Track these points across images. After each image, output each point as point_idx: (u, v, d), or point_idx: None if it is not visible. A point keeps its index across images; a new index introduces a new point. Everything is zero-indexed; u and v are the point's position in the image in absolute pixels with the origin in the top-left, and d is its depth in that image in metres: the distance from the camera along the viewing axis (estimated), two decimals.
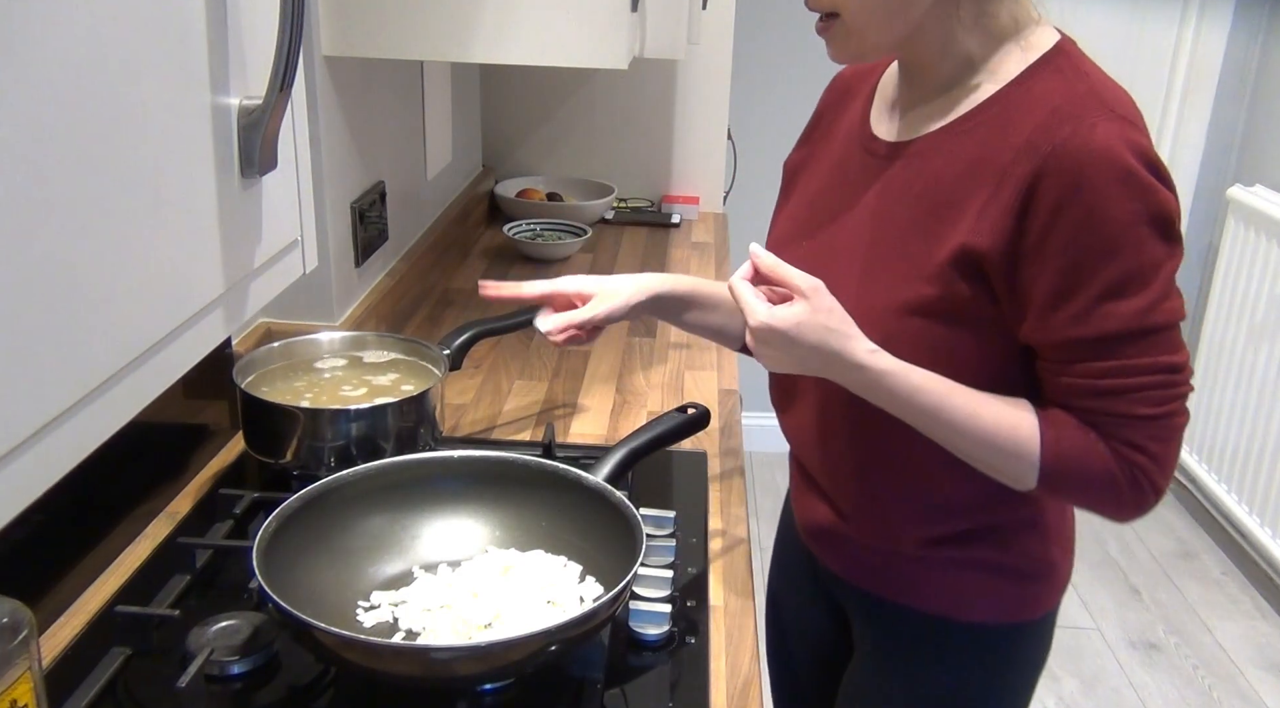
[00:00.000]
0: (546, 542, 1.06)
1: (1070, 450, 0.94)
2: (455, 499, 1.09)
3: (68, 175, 0.56)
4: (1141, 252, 0.88)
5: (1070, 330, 0.91)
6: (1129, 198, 0.87)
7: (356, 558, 1.03)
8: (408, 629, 0.96)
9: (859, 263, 1.02)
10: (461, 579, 1.01)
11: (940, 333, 0.96)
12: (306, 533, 0.99)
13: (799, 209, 1.14)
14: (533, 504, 1.08)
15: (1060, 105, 0.91)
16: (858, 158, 1.07)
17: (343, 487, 1.04)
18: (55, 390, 0.57)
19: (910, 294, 0.96)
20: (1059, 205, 0.88)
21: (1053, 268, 0.89)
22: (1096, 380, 0.92)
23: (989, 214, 0.92)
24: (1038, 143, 0.90)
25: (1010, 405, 0.96)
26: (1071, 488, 0.96)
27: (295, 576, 0.94)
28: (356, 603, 0.99)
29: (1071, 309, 0.90)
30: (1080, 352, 0.91)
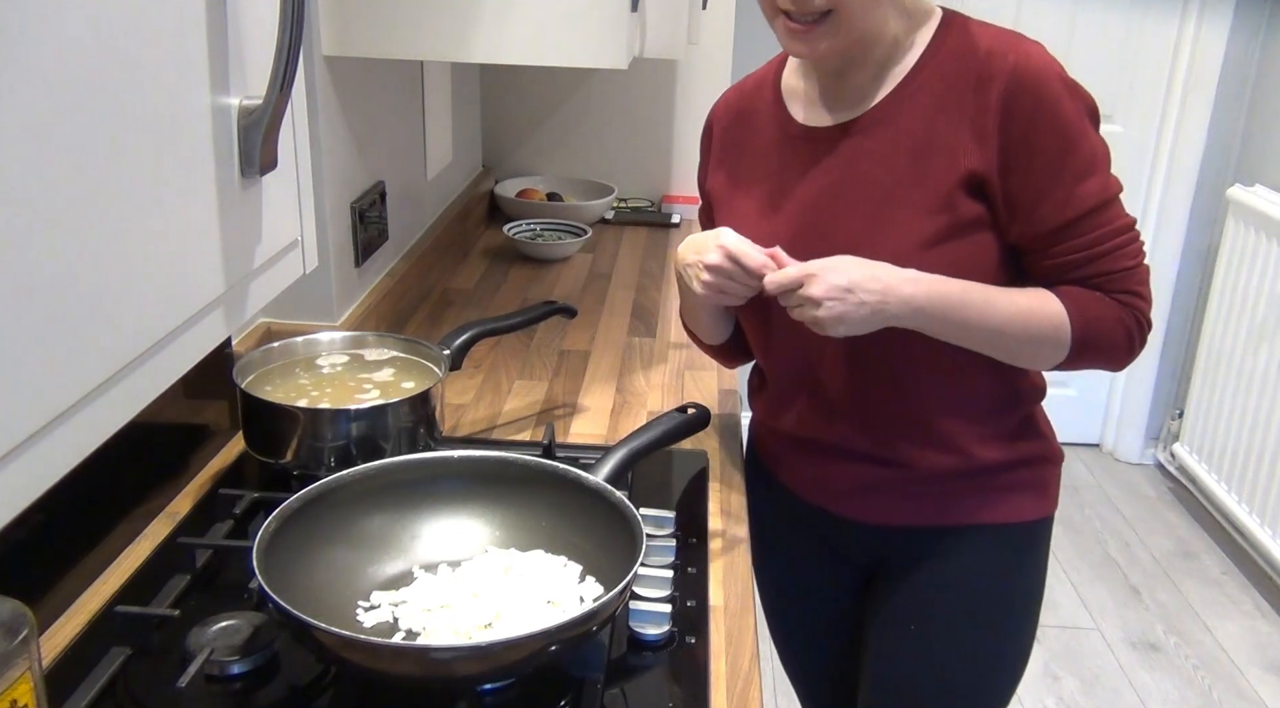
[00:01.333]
0: (546, 542, 1.06)
1: (1091, 313, 1.11)
2: (455, 499, 1.09)
3: (67, 175, 0.56)
4: (1090, 138, 1.09)
5: (1058, 216, 1.09)
6: (1074, 100, 1.08)
7: (356, 558, 1.03)
8: (408, 629, 0.96)
9: (856, 228, 1.13)
10: (461, 579, 1.01)
11: (959, 251, 1.11)
12: (306, 533, 0.99)
13: (752, 214, 1.22)
14: (533, 504, 1.08)
15: (991, 47, 1.09)
16: (801, 150, 1.19)
17: (343, 487, 1.04)
18: (55, 390, 0.57)
19: (927, 228, 1.10)
20: (1028, 118, 1.06)
21: (1034, 169, 1.07)
22: (1088, 250, 1.10)
23: (972, 142, 1.08)
24: (992, 74, 1.07)
25: (1032, 292, 1.12)
26: (1098, 346, 1.12)
27: (295, 576, 0.94)
28: (356, 603, 0.99)
29: (1055, 198, 1.08)
30: (1068, 231, 1.09)
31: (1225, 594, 2.98)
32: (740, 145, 1.27)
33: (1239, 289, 3.05)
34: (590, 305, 1.98)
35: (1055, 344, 1.12)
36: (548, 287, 2.08)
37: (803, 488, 1.32)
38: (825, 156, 1.17)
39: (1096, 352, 1.13)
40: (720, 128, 1.31)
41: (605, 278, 2.15)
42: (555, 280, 2.12)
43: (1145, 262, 1.14)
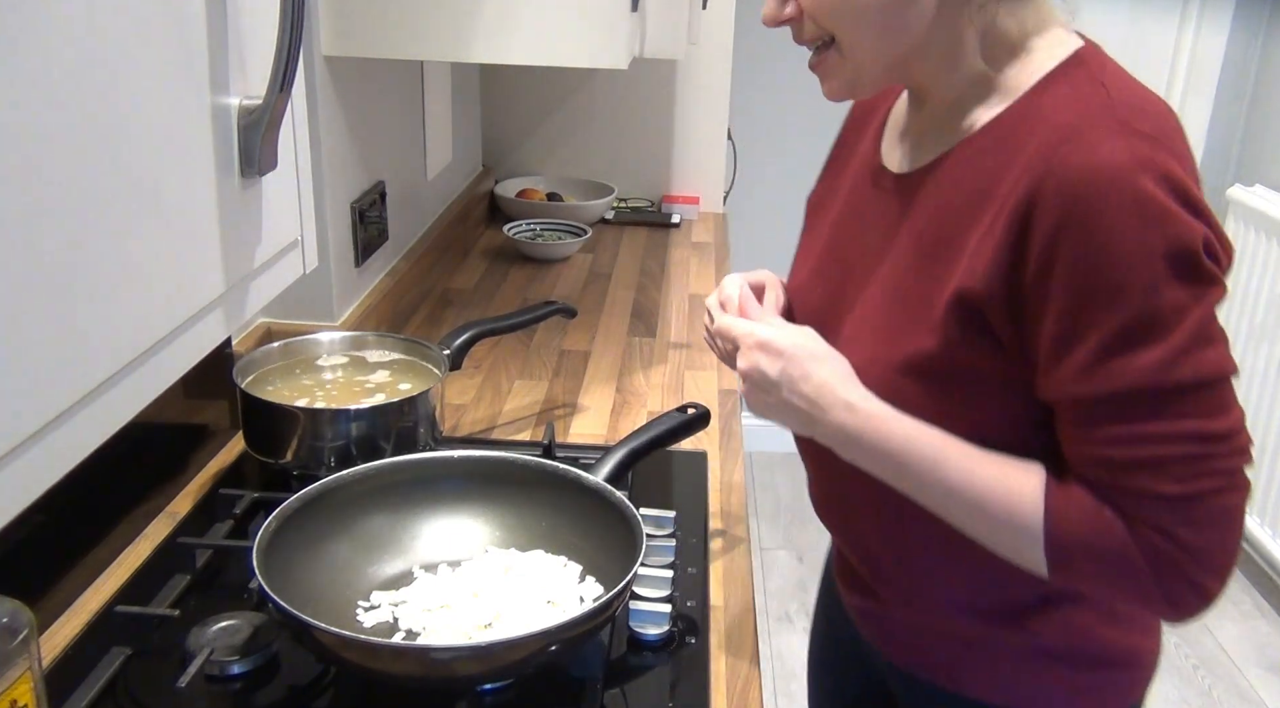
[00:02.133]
0: (546, 542, 1.06)
1: (1077, 526, 0.79)
2: (455, 499, 1.09)
3: (67, 175, 0.56)
4: (1157, 292, 0.73)
5: (1076, 387, 0.77)
6: (1140, 226, 0.73)
7: (356, 558, 1.03)
8: (408, 629, 0.96)
9: (863, 308, 0.93)
10: (461, 579, 1.01)
11: (943, 393, 0.84)
12: (306, 533, 0.99)
13: (815, 251, 1.04)
14: (533, 504, 1.08)
15: (1068, 121, 0.78)
16: (868, 193, 0.97)
17: (343, 487, 1.04)
18: (55, 390, 0.57)
19: (909, 348, 0.85)
20: (1055, 236, 0.75)
21: (1053, 311, 0.76)
22: (1109, 449, 0.77)
23: (983, 251, 0.80)
24: (1034, 163, 0.77)
25: (1016, 467, 0.83)
26: (1085, 574, 0.81)
27: (295, 576, 0.94)
28: (356, 603, 0.99)
29: (1076, 361, 0.76)
30: (1091, 413, 0.77)
31: (1225, 594, 2.97)
32: (846, 159, 1.06)
33: (1239, 289, 3.05)
34: (590, 305, 1.98)
35: (1018, 547, 0.83)
36: (548, 287, 2.08)
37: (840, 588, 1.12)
38: (878, 212, 0.95)
39: (1093, 579, 0.82)
40: (845, 131, 1.10)
41: (605, 278, 2.15)
42: (555, 280, 2.12)
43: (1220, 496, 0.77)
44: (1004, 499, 0.82)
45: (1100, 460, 0.78)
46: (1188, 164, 0.77)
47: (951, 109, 0.89)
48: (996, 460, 0.83)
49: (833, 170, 1.09)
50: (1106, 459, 0.78)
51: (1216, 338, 0.76)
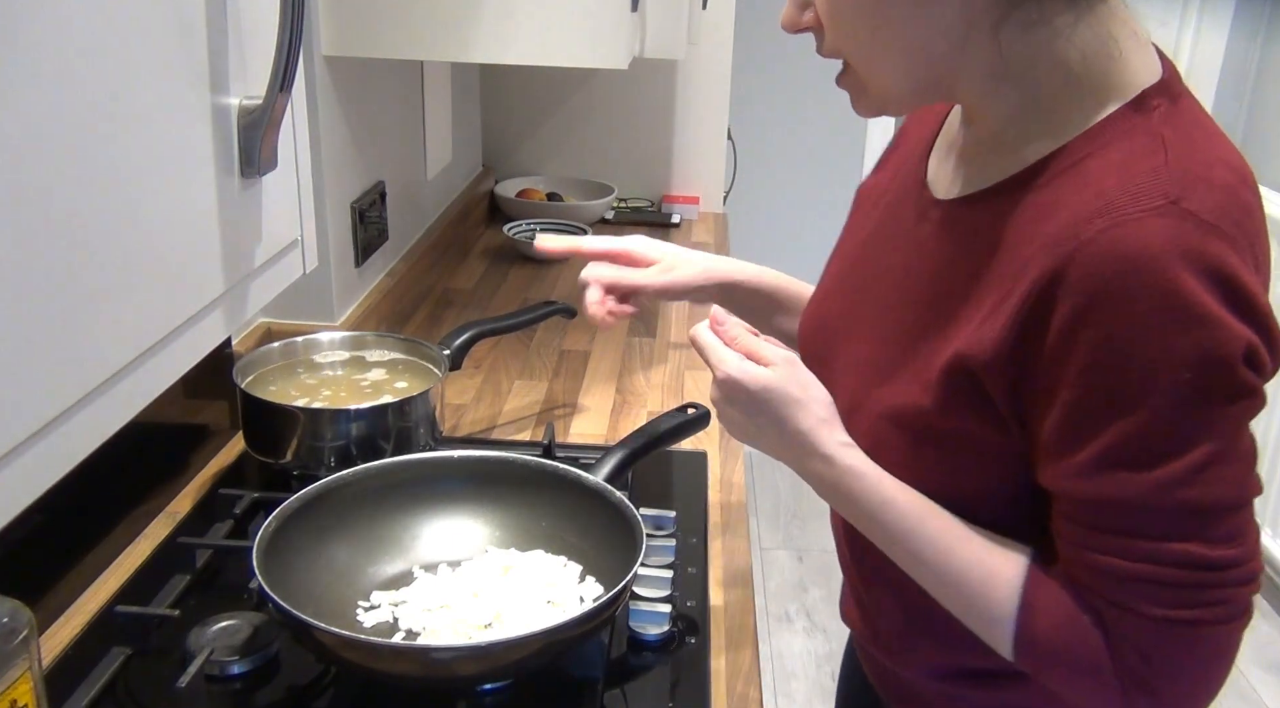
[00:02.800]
0: (546, 542, 1.06)
1: (1052, 628, 0.73)
2: (455, 499, 1.09)
3: (67, 175, 0.56)
4: (1178, 406, 0.65)
5: (1075, 484, 0.70)
6: (1168, 329, 0.64)
7: (357, 558, 1.03)
8: (408, 629, 0.96)
9: (870, 340, 0.85)
10: (461, 579, 1.01)
11: (931, 450, 0.78)
12: (306, 533, 0.99)
13: (849, 254, 0.97)
14: (533, 504, 1.08)
15: (1110, 188, 0.67)
16: (905, 211, 0.88)
17: (343, 487, 1.04)
18: (55, 390, 0.57)
19: (903, 399, 0.78)
20: (1075, 324, 0.67)
21: (1061, 401, 0.69)
22: (1101, 556, 0.71)
23: (995, 320, 0.72)
24: (1065, 234, 0.67)
25: (997, 549, 0.77)
26: (1051, 674, 0.76)
27: (295, 575, 0.94)
28: (356, 603, 0.99)
29: (1077, 459, 0.69)
30: (1088, 515, 0.71)
31: None
32: (897, 163, 0.95)
33: None
34: None
35: (988, 633, 0.77)
36: (548, 287, 2.08)
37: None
38: (908, 234, 0.86)
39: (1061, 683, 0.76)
40: (910, 119, 0.98)
41: None
42: (555, 280, 2.12)
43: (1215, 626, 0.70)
44: (979, 583, 0.76)
45: (1090, 565, 0.72)
46: (1250, 251, 0.66)
47: (998, 137, 0.77)
48: (978, 541, 0.77)
49: (888, 163, 0.98)
50: (1097, 566, 0.71)
51: (1241, 457, 0.68)
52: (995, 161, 0.77)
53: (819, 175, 3.25)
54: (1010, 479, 0.76)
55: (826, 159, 3.23)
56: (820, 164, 3.23)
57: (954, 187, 0.82)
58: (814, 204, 3.28)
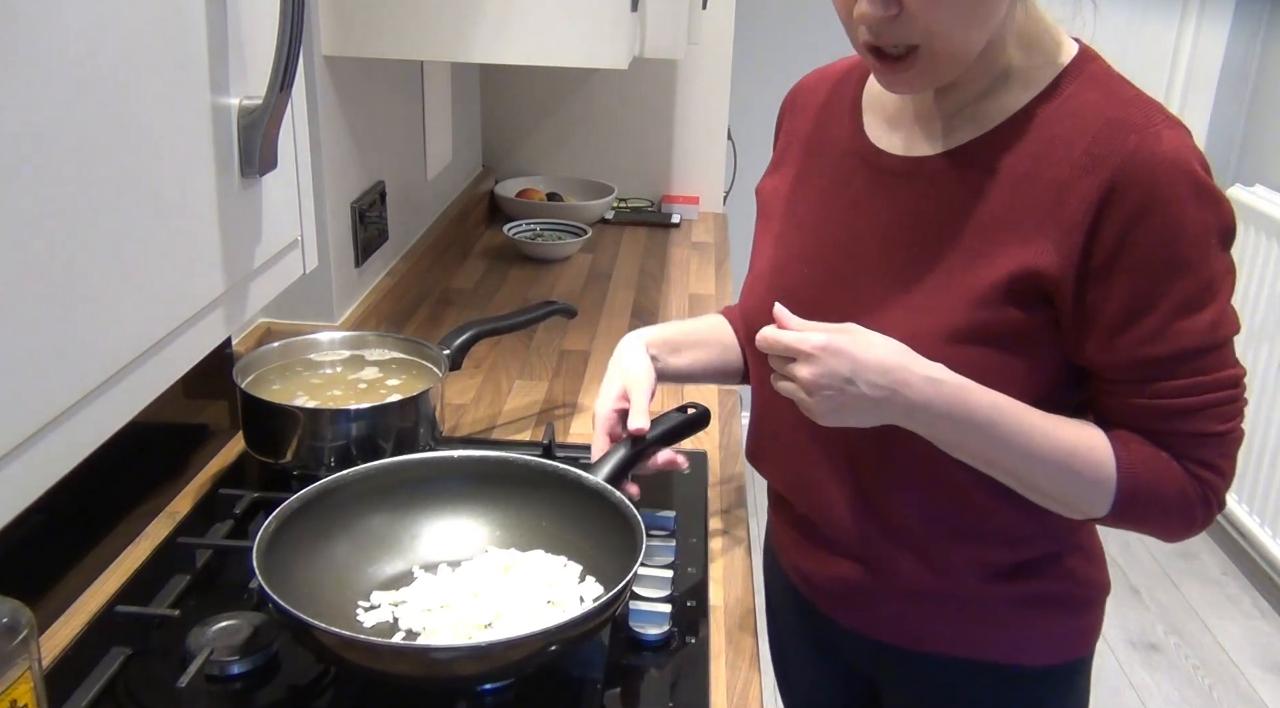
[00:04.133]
0: (547, 542, 1.06)
1: (1146, 473, 0.89)
2: (455, 499, 1.09)
3: (67, 175, 0.56)
4: (1212, 263, 0.85)
5: (1141, 350, 0.87)
6: (1202, 209, 0.84)
7: (357, 558, 1.03)
8: (408, 629, 0.96)
9: (890, 288, 0.94)
10: (461, 579, 1.01)
11: (992, 358, 0.90)
12: (307, 533, 0.99)
13: (790, 234, 1.05)
14: (533, 504, 1.08)
15: (1115, 116, 0.86)
16: (863, 175, 0.99)
17: (343, 487, 1.04)
18: (55, 390, 0.57)
19: (960, 319, 0.90)
20: (1133, 219, 0.84)
21: (1124, 285, 0.85)
22: (1169, 400, 0.88)
23: (1049, 232, 0.87)
24: (1102, 154, 0.85)
25: (1079, 422, 0.92)
26: (1145, 513, 0.91)
27: (295, 575, 0.94)
28: (357, 603, 0.99)
29: (1145, 328, 0.86)
30: (1150, 371, 0.87)
31: (1225, 594, 2.98)
32: (805, 147, 1.07)
33: (1239, 289, 3.04)
34: (590, 305, 1.98)
35: (1090, 499, 0.91)
36: (548, 287, 2.08)
37: (797, 577, 1.15)
38: (884, 194, 0.97)
39: (1143, 520, 0.92)
40: (790, 120, 1.13)
41: (605, 278, 2.15)
42: (555, 280, 2.12)
43: (1240, 429, 0.91)
44: (1086, 452, 0.89)
45: (1156, 411, 0.88)
46: None
47: (980, 97, 0.93)
48: (1066, 421, 0.91)
49: (786, 160, 1.10)
50: (1162, 409, 0.88)
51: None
52: (979, 113, 0.93)
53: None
54: (1053, 369, 0.91)
55: None
56: None
57: (933, 143, 0.95)
58: None
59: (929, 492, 0.97)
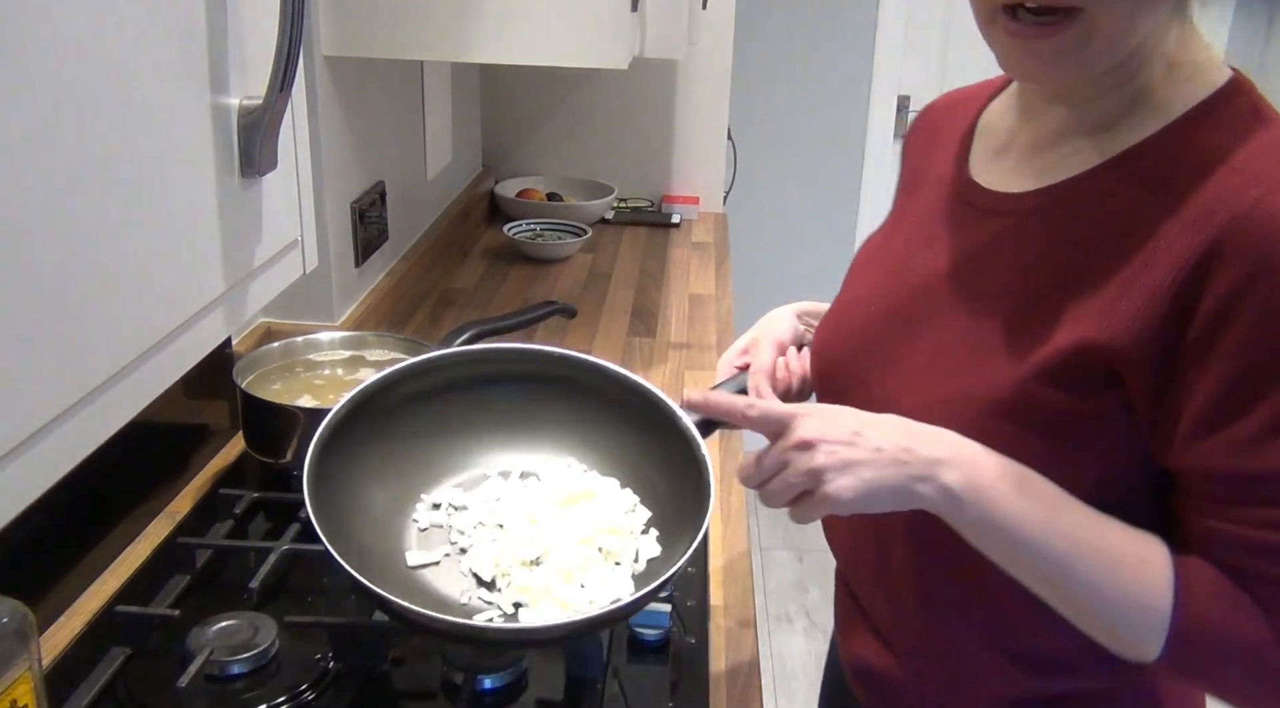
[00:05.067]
0: (627, 473, 1.00)
1: (1215, 612, 0.70)
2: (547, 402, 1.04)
3: (68, 175, 0.56)
4: None
5: (1230, 460, 0.69)
6: None
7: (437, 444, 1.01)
8: (454, 541, 0.96)
9: (943, 343, 0.81)
10: (526, 496, 0.98)
11: (1040, 446, 0.74)
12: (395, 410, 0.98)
13: (873, 267, 0.94)
14: (623, 429, 1.01)
15: (1244, 164, 0.69)
16: (951, 209, 0.86)
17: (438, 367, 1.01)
18: (55, 390, 0.57)
19: (1006, 388, 0.75)
20: (1237, 294, 0.66)
21: (1216, 375, 0.68)
22: (1260, 532, 0.69)
23: (1130, 299, 0.70)
24: (1210, 210, 0.68)
25: (1137, 532, 0.73)
26: (1206, 665, 0.72)
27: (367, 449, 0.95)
28: (420, 496, 0.99)
29: (1236, 432, 0.68)
30: (1240, 490, 0.69)
31: None
32: (915, 175, 0.95)
33: None
34: (590, 305, 1.98)
35: (1135, 628, 0.72)
36: (548, 287, 2.08)
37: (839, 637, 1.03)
38: (969, 234, 0.83)
39: (1209, 674, 0.73)
40: (911, 145, 0.99)
41: (605, 278, 2.15)
42: (555, 280, 2.12)
43: None
44: (1135, 567, 0.71)
45: (1246, 543, 0.69)
46: None
47: (1095, 123, 0.77)
48: (1118, 524, 0.73)
49: (902, 188, 0.97)
50: (1257, 542, 0.69)
51: None
52: (1086, 147, 0.77)
53: (819, 175, 3.25)
54: (1116, 465, 0.74)
55: (826, 159, 3.23)
56: (820, 164, 3.23)
57: (1026, 180, 0.81)
58: (814, 204, 3.28)
59: (968, 582, 0.80)
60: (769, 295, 3.83)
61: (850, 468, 0.72)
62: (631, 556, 0.95)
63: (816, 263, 3.33)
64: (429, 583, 0.94)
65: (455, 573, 0.95)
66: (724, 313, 2.00)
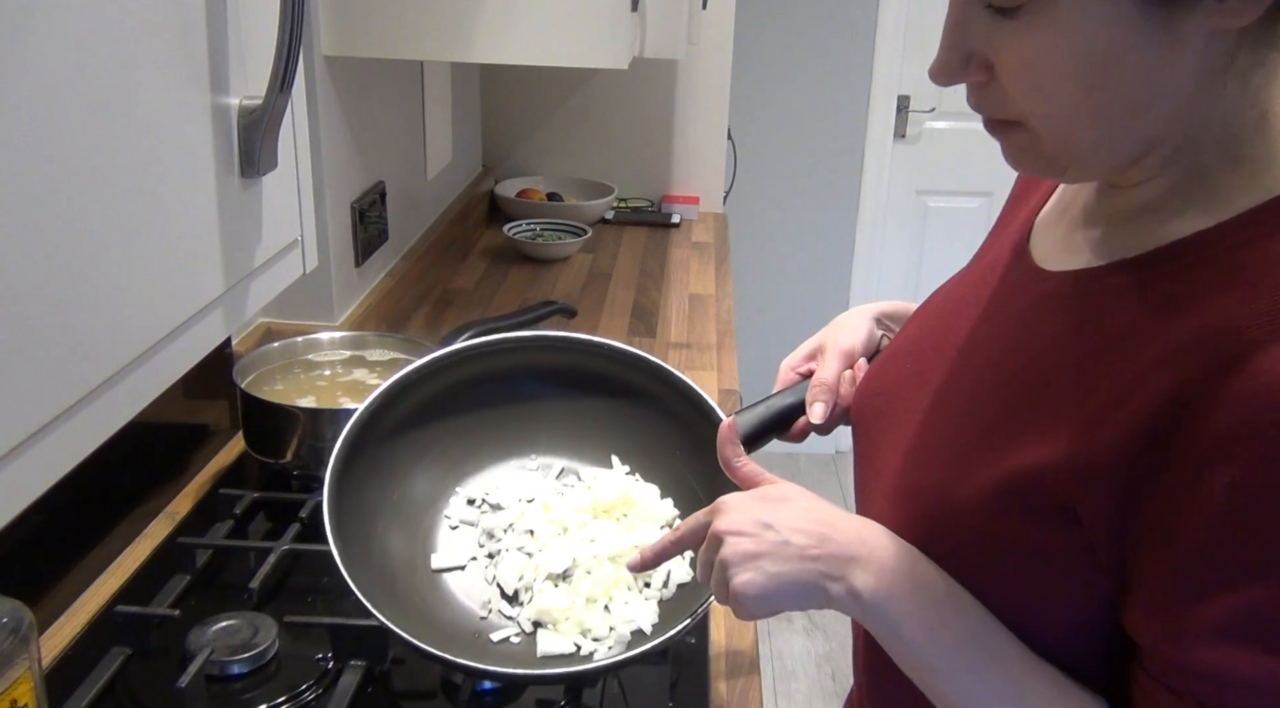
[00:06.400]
0: (669, 481, 0.97)
1: None
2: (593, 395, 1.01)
3: (68, 175, 0.56)
4: None
5: (1177, 646, 0.57)
6: None
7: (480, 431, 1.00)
8: (480, 544, 0.95)
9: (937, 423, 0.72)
10: (561, 503, 0.96)
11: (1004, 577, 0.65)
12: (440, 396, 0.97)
13: (928, 320, 0.82)
14: (670, 432, 0.99)
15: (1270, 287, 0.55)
16: (1003, 274, 0.74)
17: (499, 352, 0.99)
18: (55, 390, 0.57)
19: (968, 502, 0.65)
20: (1211, 456, 0.54)
21: (1183, 546, 0.56)
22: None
23: (1100, 431, 0.59)
24: (1206, 341, 0.55)
25: (1073, 689, 0.64)
26: None
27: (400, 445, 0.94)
28: (455, 489, 0.98)
29: (1192, 618, 0.56)
30: (1188, 683, 0.57)
31: None
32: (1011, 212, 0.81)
33: None
34: (590, 305, 1.98)
35: None
36: (548, 287, 2.08)
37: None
38: (999, 301, 0.72)
39: None
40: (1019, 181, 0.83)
41: (605, 278, 2.15)
42: (555, 280, 2.12)
43: None
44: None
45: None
46: None
47: (1144, 207, 0.64)
48: (1050, 673, 0.64)
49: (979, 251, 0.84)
50: None
51: None
52: (1129, 233, 0.64)
53: (819, 175, 3.25)
54: (1081, 611, 0.63)
55: (826, 159, 3.23)
56: (820, 164, 3.23)
57: (1063, 257, 0.68)
58: (814, 204, 3.28)
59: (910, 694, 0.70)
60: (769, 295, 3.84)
61: (752, 561, 0.68)
62: (661, 579, 0.93)
63: (816, 263, 3.33)
64: (450, 592, 0.94)
65: (480, 581, 0.94)
66: (724, 313, 2.00)
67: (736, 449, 0.80)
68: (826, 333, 0.92)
